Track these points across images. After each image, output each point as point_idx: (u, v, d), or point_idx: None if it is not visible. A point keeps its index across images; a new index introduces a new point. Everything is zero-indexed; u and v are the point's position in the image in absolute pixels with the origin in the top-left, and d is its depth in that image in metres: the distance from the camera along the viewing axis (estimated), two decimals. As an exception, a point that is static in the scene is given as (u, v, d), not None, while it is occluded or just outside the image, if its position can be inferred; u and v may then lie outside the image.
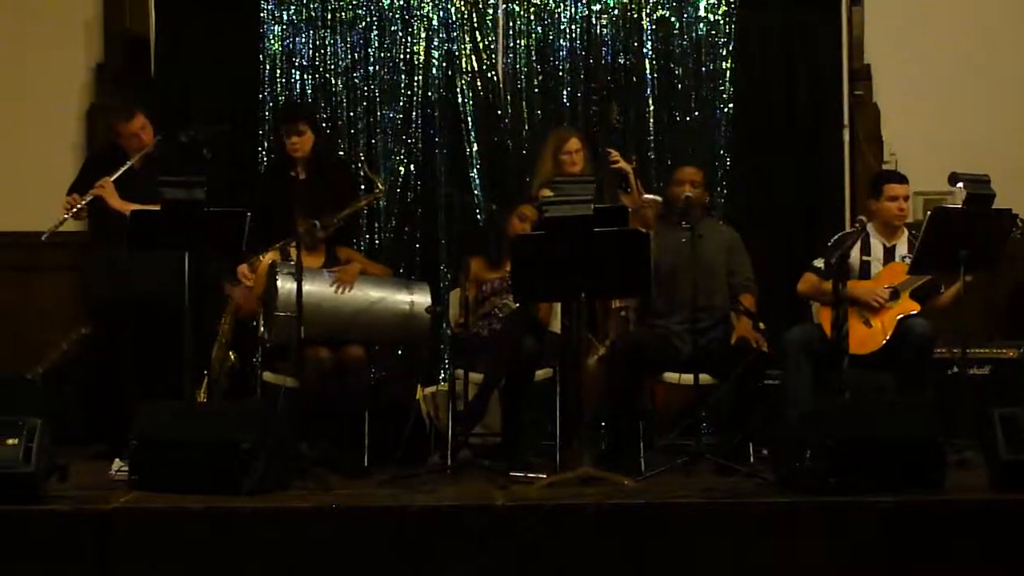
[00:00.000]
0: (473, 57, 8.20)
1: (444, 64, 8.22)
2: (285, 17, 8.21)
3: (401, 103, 8.20)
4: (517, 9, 8.22)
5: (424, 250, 8.17)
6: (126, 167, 6.87)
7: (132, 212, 6.29)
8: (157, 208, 6.17)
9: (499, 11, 8.23)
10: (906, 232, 6.91)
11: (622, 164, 7.25)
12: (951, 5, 8.34)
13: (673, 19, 8.24)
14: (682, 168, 6.91)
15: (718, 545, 5.33)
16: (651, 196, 7.20)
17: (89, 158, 7.10)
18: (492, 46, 8.23)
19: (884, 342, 6.63)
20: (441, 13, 8.20)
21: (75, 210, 6.77)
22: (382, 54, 8.23)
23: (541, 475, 6.12)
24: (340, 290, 6.68)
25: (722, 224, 7.15)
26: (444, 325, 7.59)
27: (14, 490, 5.36)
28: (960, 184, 6.37)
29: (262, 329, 6.73)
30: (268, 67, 8.18)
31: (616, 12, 8.23)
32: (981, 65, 8.25)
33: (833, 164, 8.24)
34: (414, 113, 8.20)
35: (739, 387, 6.41)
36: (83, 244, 7.39)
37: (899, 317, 6.65)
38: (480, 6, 8.20)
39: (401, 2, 8.20)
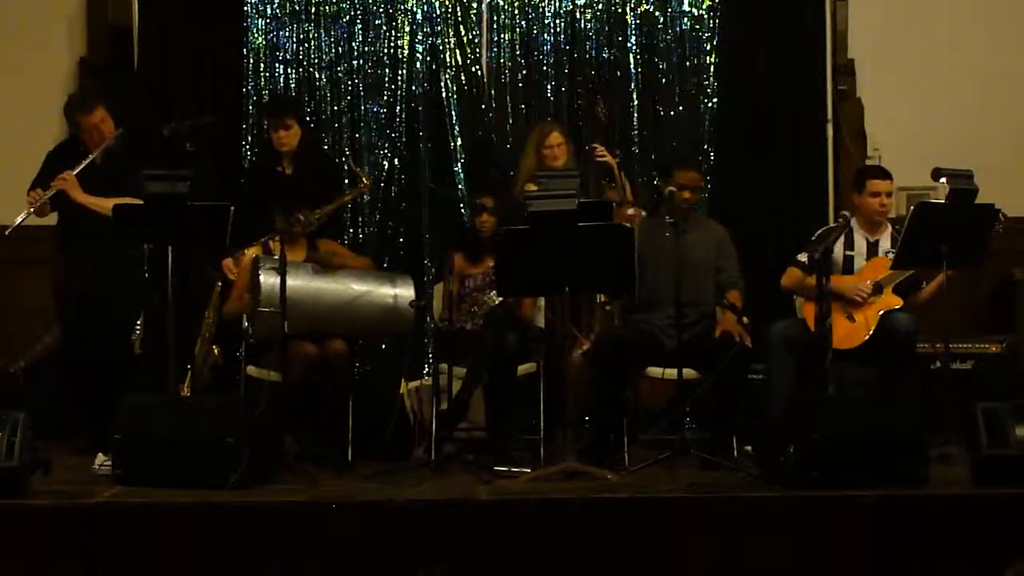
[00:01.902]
0: (457, 51, 8.20)
1: (428, 58, 8.22)
2: (269, 11, 8.20)
3: (385, 97, 8.20)
4: (501, 3, 8.22)
5: (408, 244, 8.17)
6: (88, 161, 6.85)
7: (115, 207, 6.28)
8: (138, 202, 6.19)
9: (483, 5, 8.23)
10: (889, 227, 6.93)
11: (608, 159, 7.26)
12: (935, 1, 8.36)
13: (657, 14, 8.24)
14: (684, 171, 6.84)
15: (702, 539, 5.34)
16: (634, 210, 7.15)
17: (50, 153, 7.06)
18: (476, 40, 8.23)
19: (867, 337, 6.64)
20: (425, 7, 8.20)
21: (38, 204, 6.75)
22: (366, 48, 8.22)
23: (525, 469, 6.13)
24: (320, 269, 6.67)
25: (712, 221, 7.15)
26: (428, 319, 7.59)
27: (-3, 485, 5.36)
28: (943, 179, 6.38)
29: (245, 323, 6.72)
30: (252, 61, 8.18)
31: (600, 6, 8.23)
32: (965, 60, 8.27)
33: (817, 159, 8.24)
34: (398, 107, 8.20)
35: (723, 382, 6.43)
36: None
37: (882, 312, 6.67)
38: (464, 0, 8.19)
39: (385, -4, 8.22)
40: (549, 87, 8.22)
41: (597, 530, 5.33)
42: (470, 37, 8.21)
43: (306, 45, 8.21)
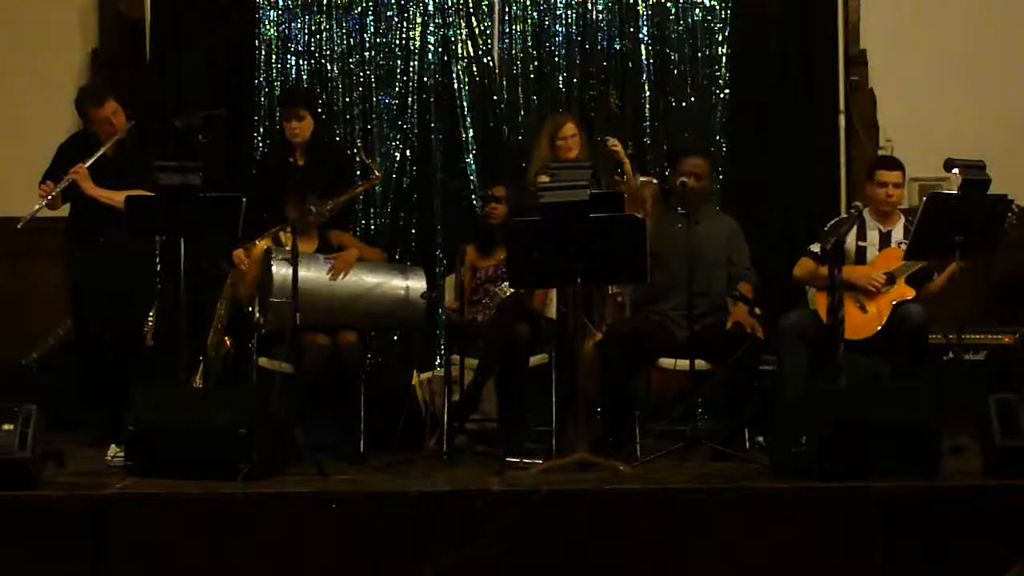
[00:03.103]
0: (469, 42, 8.19)
1: (440, 49, 8.21)
2: (281, 2, 8.21)
3: (397, 89, 8.20)
4: (513, -6, 8.23)
5: (420, 236, 8.17)
6: (100, 153, 6.85)
7: (127, 198, 6.30)
8: (150, 193, 6.20)
9: (495, -4, 8.24)
10: (902, 218, 6.91)
11: (618, 150, 7.23)
12: (947, -8, 8.36)
13: (669, 5, 8.23)
14: (688, 158, 6.85)
15: (713, 530, 5.34)
16: (646, 178, 7.18)
17: (61, 145, 7.08)
18: (488, 31, 8.22)
19: (879, 328, 6.63)
20: (437, -2, 8.21)
21: (50, 197, 6.76)
22: (378, 39, 8.22)
23: (537, 460, 6.13)
24: (336, 277, 6.68)
25: (723, 213, 7.14)
26: (440, 311, 7.59)
27: (10, 476, 5.36)
28: (956, 170, 6.37)
29: (257, 315, 6.73)
30: (264, 52, 8.18)
31: (612, -3, 8.24)
32: (977, 51, 8.25)
33: (829, 150, 8.22)
34: (410, 99, 8.20)
35: (735, 373, 6.41)
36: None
37: (894, 303, 6.65)
38: (476, -9, 8.20)
39: (397, -13, 8.21)
40: (561, 78, 8.21)
41: (609, 521, 5.33)
42: (482, 28, 8.21)
43: (318, 37, 8.21)
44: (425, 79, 8.20)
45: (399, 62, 8.21)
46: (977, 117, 8.11)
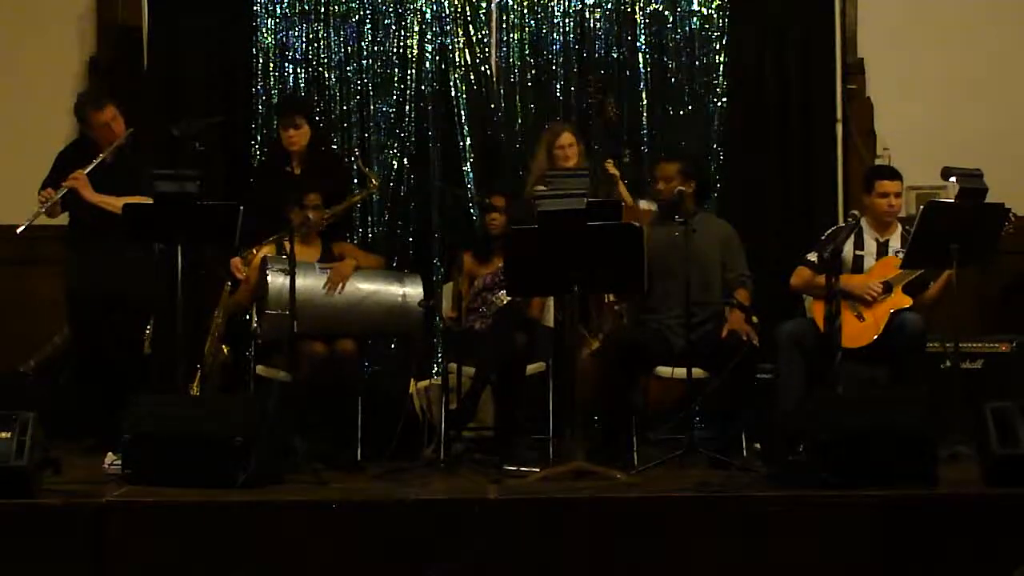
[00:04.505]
0: (466, 51, 8.20)
1: (437, 58, 8.22)
2: (278, 10, 8.21)
3: (394, 97, 8.20)
4: (510, 3, 8.22)
5: (417, 243, 8.17)
6: (99, 159, 6.86)
7: (125, 205, 6.30)
8: (148, 201, 6.21)
9: (492, 5, 8.23)
10: (899, 227, 6.92)
11: (615, 177, 7.22)
12: (944, 0, 8.35)
13: (666, 13, 8.24)
14: (661, 164, 6.92)
15: (710, 539, 5.34)
16: (645, 205, 7.17)
17: (60, 153, 7.08)
18: (485, 40, 8.23)
19: (876, 336, 6.63)
20: (434, 7, 8.20)
21: (49, 204, 6.76)
22: (375, 48, 8.23)
23: (534, 469, 6.12)
24: (333, 291, 6.68)
25: (716, 218, 7.14)
26: (437, 319, 7.59)
27: (8, 484, 5.34)
28: (953, 179, 6.39)
29: (255, 323, 6.73)
30: (261, 60, 8.19)
31: (609, 6, 8.23)
32: (975, 60, 8.25)
33: (826, 158, 8.23)
34: (407, 107, 8.20)
35: (731, 381, 6.42)
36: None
37: (891, 311, 6.66)
38: (473, 0, 8.20)
39: (394, -5, 8.22)
40: (558, 86, 8.22)
41: (606, 529, 5.33)
42: (479, 36, 8.21)
43: (315, 45, 8.22)
44: (423, 87, 8.21)
45: (396, 70, 8.21)
46: (974, 126, 8.11)
